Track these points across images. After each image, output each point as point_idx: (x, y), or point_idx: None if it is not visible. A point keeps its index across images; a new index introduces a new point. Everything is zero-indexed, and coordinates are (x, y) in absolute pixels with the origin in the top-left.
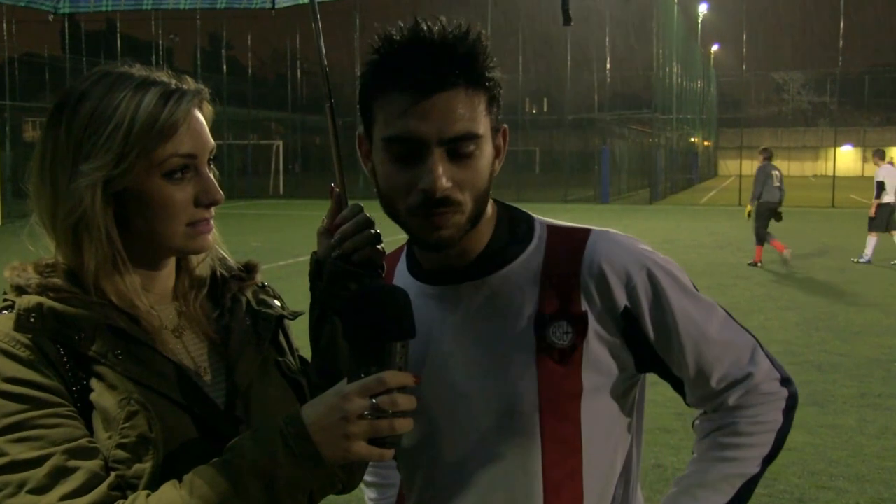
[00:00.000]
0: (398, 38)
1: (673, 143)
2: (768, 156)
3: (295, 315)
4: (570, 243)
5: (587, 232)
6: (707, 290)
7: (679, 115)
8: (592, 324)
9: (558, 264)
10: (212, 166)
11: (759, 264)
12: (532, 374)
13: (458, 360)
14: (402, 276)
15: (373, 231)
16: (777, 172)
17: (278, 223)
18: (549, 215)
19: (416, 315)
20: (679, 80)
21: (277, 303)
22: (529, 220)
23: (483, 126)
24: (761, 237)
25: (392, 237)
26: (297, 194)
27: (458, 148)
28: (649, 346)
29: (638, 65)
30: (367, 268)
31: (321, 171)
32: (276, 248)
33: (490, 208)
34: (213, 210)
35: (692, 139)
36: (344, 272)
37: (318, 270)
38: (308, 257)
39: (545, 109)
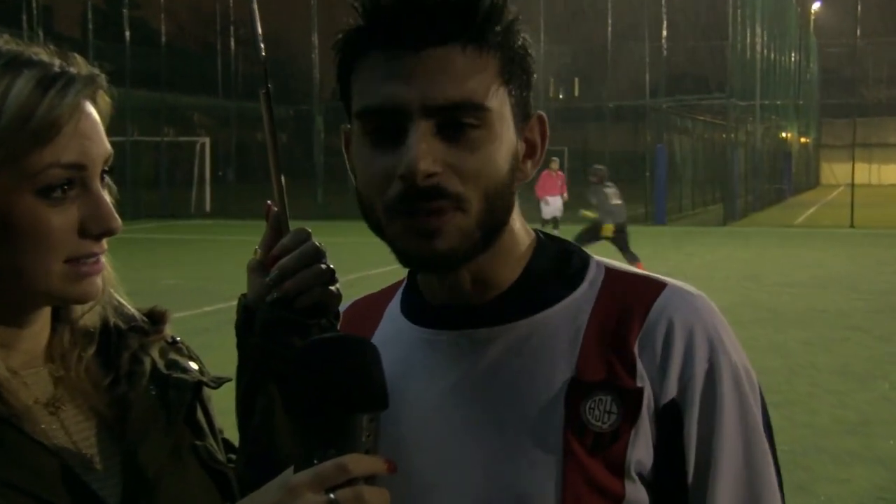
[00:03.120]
0: None
1: (756, 140)
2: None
3: (219, 382)
4: (634, 295)
5: (661, 285)
6: (806, 347)
7: (765, 102)
8: (647, 407)
9: (614, 319)
10: (106, 181)
11: None
12: (554, 463)
13: (454, 438)
14: (390, 321)
15: (323, 265)
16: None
17: (203, 252)
18: (574, 232)
19: (401, 372)
20: (765, 51)
21: (194, 365)
22: (583, 257)
23: (493, 97)
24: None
25: (383, 268)
26: (229, 212)
27: (453, 119)
28: (682, 469)
29: (707, 32)
30: (317, 316)
31: (263, 180)
32: (198, 287)
33: (524, 233)
34: (105, 243)
35: (783, 134)
36: (284, 322)
37: (249, 320)
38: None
39: (576, 95)
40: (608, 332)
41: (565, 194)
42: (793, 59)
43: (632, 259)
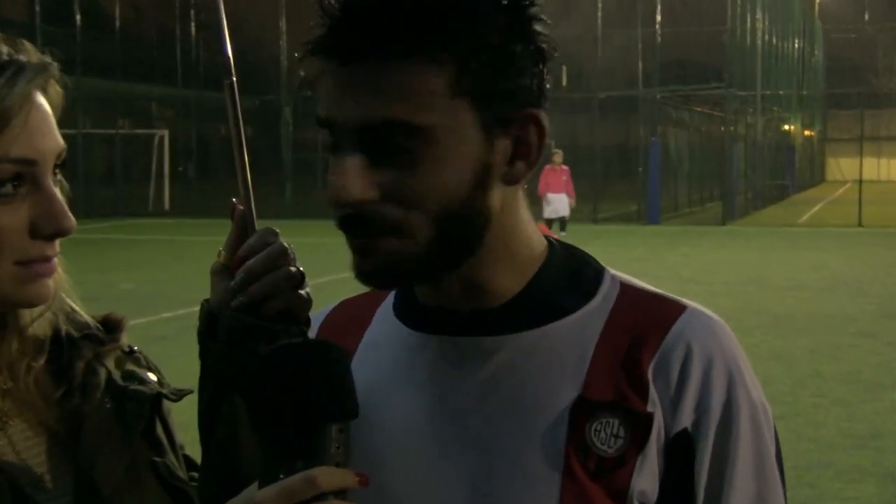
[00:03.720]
0: None
1: (757, 133)
2: None
3: (180, 394)
4: (651, 314)
5: (680, 307)
6: (813, 355)
7: (766, 92)
8: (657, 433)
9: (627, 338)
10: (59, 177)
11: None
12: (552, 485)
13: (439, 450)
14: (382, 322)
15: (293, 268)
16: None
17: (162, 254)
18: (568, 239)
19: (389, 377)
20: (766, 38)
21: (153, 376)
22: (598, 269)
23: (438, 113)
24: None
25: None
26: (190, 210)
27: (387, 142)
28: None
29: (703, 16)
30: (285, 322)
31: (227, 175)
32: (157, 291)
33: (534, 238)
34: (57, 244)
35: (786, 127)
36: (250, 328)
37: (212, 327)
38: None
39: (563, 84)
40: (620, 350)
41: (571, 192)
42: (796, 45)
43: None
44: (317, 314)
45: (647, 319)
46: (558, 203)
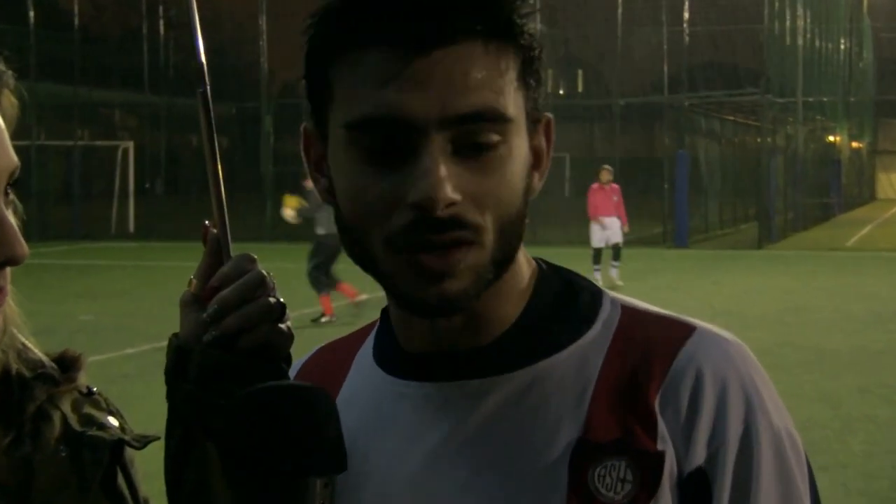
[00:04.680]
0: None
1: (797, 144)
2: None
3: (144, 441)
4: (656, 339)
5: (689, 328)
6: (863, 396)
7: (808, 98)
8: (670, 474)
9: (632, 368)
10: (11, 197)
11: (330, 317)
12: None
13: None
14: (361, 370)
15: (272, 299)
16: None
17: (125, 282)
18: (585, 265)
19: (371, 431)
20: (808, 37)
21: (114, 421)
22: (595, 293)
23: (514, 105)
24: (322, 283)
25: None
26: (158, 232)
27: (473, 135)
28: None
29: (736, 14)
30: (263, 359)
31: (200, 193)
32: (119, 324)
33: (525, 262)
34: (8, 272)
35: (831, 138)
36: (224, 366)
37: (182, 364)
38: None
39: (580, 90)
40: (624, 383)
41: (623, 215)
42: (842, 46)
43: (328, 285)
44: (293, 364)
45: (652, 345)
46: (611, 228)
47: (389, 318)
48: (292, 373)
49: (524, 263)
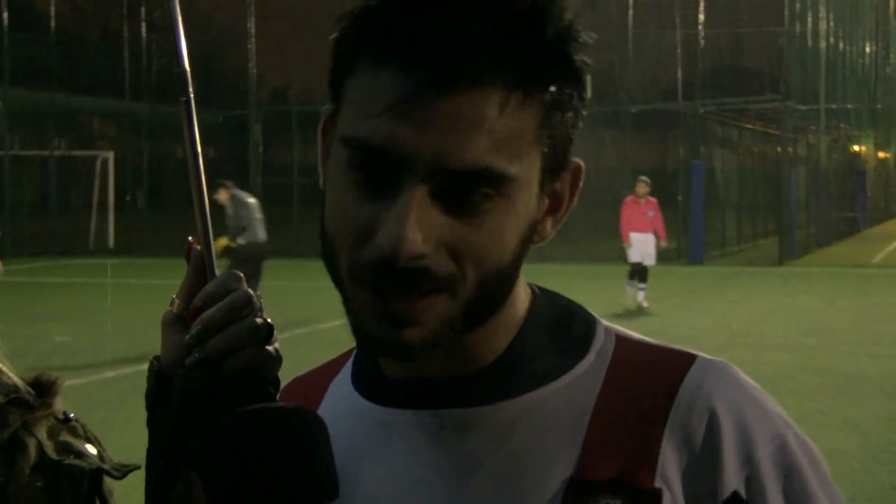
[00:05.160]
0: None
1: (820, 154)
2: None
3: (124, 470)
4: (654, 369)
5: (689, 357)
6: (891, 424)
7: (831, 105)
8: None
9: (629, 399)
10: None
11: None
12: None
13: None
14: (337, 398)
15: (259, 319)
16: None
17: (104, 301)
18: (594, 284)
19: (351, 462)
20: (831, 40)
21: (92, 449)
22: (588, 321)
23: (524, 163)
24: None
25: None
26: (140, 248)
27: (462, 186)
28: None
29: (754, 16)
30: (248, 383)
31: (184, 206)
32: (98, 346)
33: (523, 294)
34: None
35: (855, 147)
36: (207, 390)
37: (164, 389)
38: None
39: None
40: (621, 416)
41: (661, 230)
42: (867, 50)
43: None
44: None
45: (651, 375)
46: (644, 245)
47: None
48: None
49: (521, 293)
